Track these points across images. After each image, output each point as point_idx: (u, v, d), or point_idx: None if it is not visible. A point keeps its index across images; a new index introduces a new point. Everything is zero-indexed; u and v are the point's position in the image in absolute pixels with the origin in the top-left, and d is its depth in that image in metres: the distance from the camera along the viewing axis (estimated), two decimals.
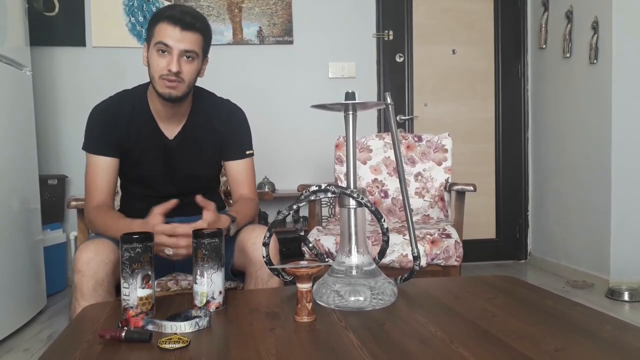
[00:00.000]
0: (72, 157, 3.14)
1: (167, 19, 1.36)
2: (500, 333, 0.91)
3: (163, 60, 1.38)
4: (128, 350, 0.87)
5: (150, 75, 1.42)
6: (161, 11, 1.41)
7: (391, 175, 2.52)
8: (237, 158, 1.59)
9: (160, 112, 1.50)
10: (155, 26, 1.38)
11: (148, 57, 1.42)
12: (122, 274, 1.04)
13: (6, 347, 2.14)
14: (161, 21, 1.37)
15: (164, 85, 1.39)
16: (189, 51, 1.38)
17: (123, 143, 1.49)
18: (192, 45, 1.38)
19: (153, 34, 1.39)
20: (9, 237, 2.25)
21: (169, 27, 1.36)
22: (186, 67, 1.40)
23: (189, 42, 1.38)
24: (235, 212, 1.44)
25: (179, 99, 1.44)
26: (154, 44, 1.38)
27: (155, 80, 1.41)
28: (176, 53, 1.37)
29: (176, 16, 1.36)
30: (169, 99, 1.42)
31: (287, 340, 0.91)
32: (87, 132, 1.49)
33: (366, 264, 1.12)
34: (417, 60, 3.50)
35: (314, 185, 1.13)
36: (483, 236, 3.61)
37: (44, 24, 3.09)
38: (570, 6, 3.12)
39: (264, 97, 3.31)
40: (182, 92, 1.42)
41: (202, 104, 1.56)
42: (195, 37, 1.39)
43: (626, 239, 2.80)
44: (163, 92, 1.41)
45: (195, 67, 1.42)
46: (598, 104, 2.90)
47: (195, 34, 1.39)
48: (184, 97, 1.45)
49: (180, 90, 1.41)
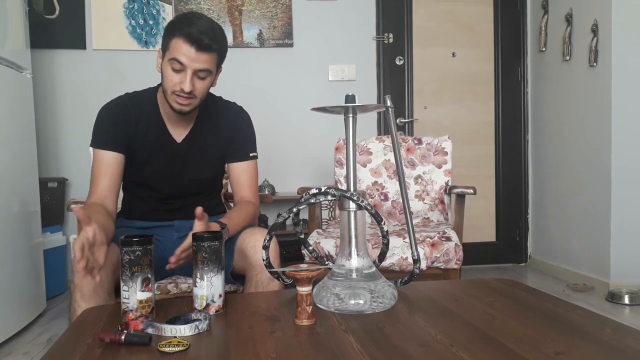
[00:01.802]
0: (72, 160, 3.14)
1: (185, 36, 1.34)
2: (501, 336, 0.91)
3: (177, 77, 1.37)
4: (128, 354, 0.87)
5: (163, 87, 1.43)
6: (179, 24, 1.37)
7: (391, 178, 2.52)
8: (240, 160, 1.59)
9: (170, 116, 1.51)
10: (171, 39, 1.36)
11: (162, 68, 1.41)
12: (122, 277, 1.04)
13: (5, 351, 2.14)
14: (178, 36, 1.35)
15: (176, 100, 1.40)
16: (203, 70, 1.38)
17: (130, 142, 1.49)
18: (207, 64, 1.38)
19: (168, 47, 1.37)
20: (8, 239, 2.25)
21: (185, 46, 1.34)
22: (199, 85, 1.40)
23: (204, 62, 1.37)
24: (227, 218, 1.43)
25: (190, 112, 1.45)
26: (168, 59, 1.37)
27: (168, 93, 1.41)
28: (190, 72, 1.36)
29: (194, 35, 1.33)
30: (180, 113, 1.44)
31: (287, 344, 0.91)
32: (95, 128, 1.49)
33: (366, 267, 1.12)
34: (417, 63, 3.50)
35: (314, 188, 1.13)
36: (483, 239, 3.61)
37: (44, 26, 3.09)
38: (569, 9, 3.13)
39: (264, 100, 3.31)
40: (194, 107, 1.44)
41: (210, 107, 1.57)
42: (210, 57, 1.38)
43: (626, 242, 2.80)
44: (175, 106, 1.42)
45: (208, 83, 1.43)
46: (598, 107, 2.90)
47: (211, 54, 1.38)
48: (194, 110, 1.46)
49: (192, 106, 1.43)
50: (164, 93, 1.43)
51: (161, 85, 1.45)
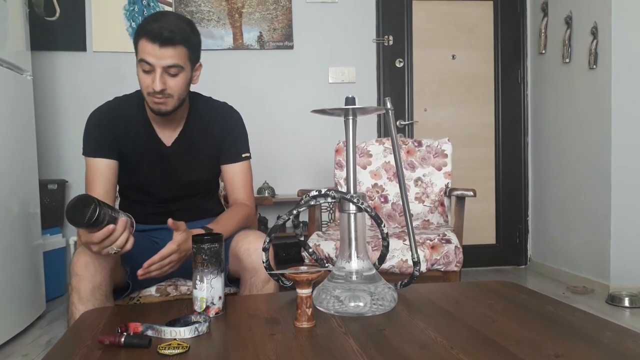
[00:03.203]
0: (72, 162, 3.14)
1: (146, 35, 1.32)
2: (500, 339, 0.91)
3: (148, 78, 1.36)
4: (127, 356, 0.87)
5: (142, 92, 1.42)
6: (142, 25, 1.36)
7: (391, 180, 2.52)
8: (233, 161, 1.57)
9: (157, 119, 1.50)
10: (138, 42, 1.36)
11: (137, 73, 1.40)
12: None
13: (5, 353, 2.13)
14: (141, 37, 1.34)
15: (152, 101, 1.39)
16: (172, 66, 1.35)
17: (121, 147, 1.48)
18: (175, 59, 1.35)
19: (137, 50, 1.37)
20: (8, 241, 2.25)
21: (149, 45, 1.32)
22: (172, 82, 1.37)
23: (171, 57, 1.34)
24: (216, 222, 1.42)
25: (170, 112, 1.43)
26: (138, 61, 1.37)
27: (145, 96, 1.41)
28: (159, 71, 1.34)
29: (154, 31, 1.31)
30: (159, 114, 1.42)
31: (286, 346, 0.90)
32: (85, 136, 1.49)
33: (366, 270, 1.12)
34: (417, 65, 3.50)
35: (314, 190, 1.13)
36: (483, 241, 3.61)
37: (44, 28, 3.10)
38: (569, 11, 3.13)
39: (264, 102, 3.32)
40: (172, 106, 1.41)
41: (199, 108, 1.56)
42: (176, 51, 1.34)
43: (626, 245, 2.80)
44: (153, 107, 1.41)
45: (182, 80, 1.40)
46: (597, 109, 2.90)
47: (177, 47, 1.34)
48: (175, 110, 1.44)
49: (171, 105, 1.41)
50: (144, 98, 1.43)
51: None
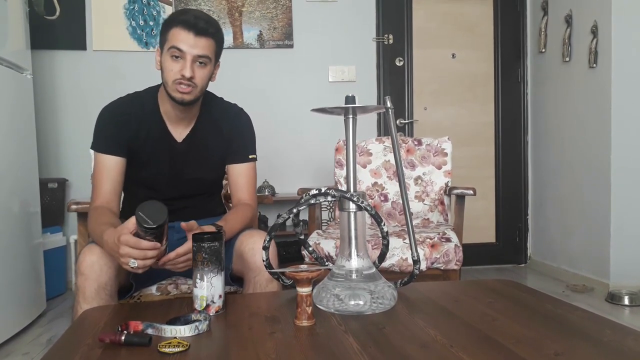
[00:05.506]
0: (72, 161, 3.14)
1: (181, 23, 1.37)
2: (500, 337, 0.91)
3: (177, 65, 1.39)
4: (128, 354, 0.87)
5: (164, 80, 1.44)
6: (175, 16, 1.42)
7: (391, 179, 2.52)
8: (239, 162, 1.59)
9: (170, 115, 1.51)
10: (169, 31, 1.40)
11: (161, 62, 1.43)
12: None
13: (5, 351, 2.14)
14: (175, 26, 1.38)
15: (177, 89, 1.41)
16: (202, 56, 1.40)
17: (131, 143, 1.49)
18: (205, 50, 1.40)
19: (167, 38, 1.40)
20: (9, 240, 2.25)
21: (183, 32, 1.37)
22: (199, 72, 1.41)
23: (202, 48, 1.39)
24: (224, 221, 1.43)
25: (191, 102, 1.46)
26: (167, 49, 1.40)
27: (169, 84, 1.42)
28: (189, 58, 1.38)
29: (190, 21, 1.37)
30: (181, 103, 1.44)
31: (286, 345, 0.91)
32: (96, 131, 1.49)
33: (366, 268, 1.12)
34: (417, 64, 3.50)
35: (314, 189, 1.13)
36: (483, 240, 3.61)
37: (44, 27, 3.09)
38: (569, 10, 3.13)
39: (264, 101, 3.32)
40: (195, 96, 1.44)
41: (210, 108, 1.58)
42: (208, 43, 1.40)
43: (626, 243, 2.80)
44: (176, 96, 1.42)
45: (207, 72, 1.44)
46: (597, 108, 2.90)
47: (209, 39, 1.40)
48: (195, 101, 1.47)
49: (194, 95, 1.44)
50: (165, 86, 1.44)
51: (162, 80, 1.45)
